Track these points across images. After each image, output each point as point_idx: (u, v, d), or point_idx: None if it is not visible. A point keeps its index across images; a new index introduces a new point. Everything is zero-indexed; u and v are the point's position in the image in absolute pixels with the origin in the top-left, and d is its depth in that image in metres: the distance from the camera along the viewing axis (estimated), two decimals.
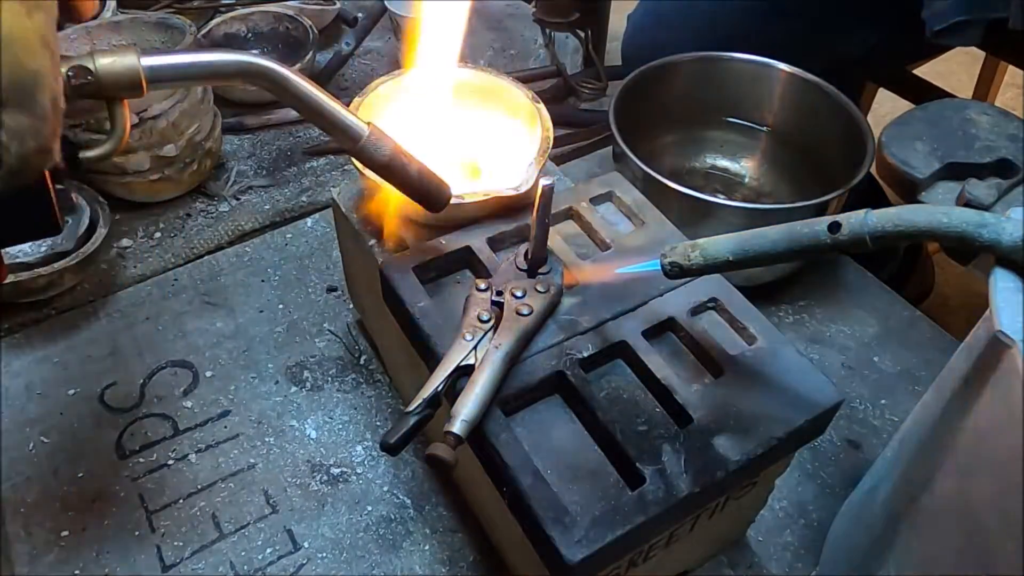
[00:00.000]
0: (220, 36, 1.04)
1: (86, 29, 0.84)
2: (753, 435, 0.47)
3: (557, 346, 0.50)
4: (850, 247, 0.40)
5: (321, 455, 0.68)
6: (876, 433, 0.70)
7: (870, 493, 0.54)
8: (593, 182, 0.62)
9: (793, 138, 0.86)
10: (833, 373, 0.74)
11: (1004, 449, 0.37)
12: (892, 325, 0.79)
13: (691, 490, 0.44)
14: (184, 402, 0.71)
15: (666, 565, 0.56)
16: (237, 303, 0.80)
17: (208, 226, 0.87)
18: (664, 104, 0.86)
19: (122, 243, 0.85)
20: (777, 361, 0.51)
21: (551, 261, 0.53)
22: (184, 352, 0.75)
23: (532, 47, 1.17)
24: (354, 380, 0.73)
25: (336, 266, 0.83)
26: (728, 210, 0.71)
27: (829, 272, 0.83)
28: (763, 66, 0.84)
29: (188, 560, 0.61)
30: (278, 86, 0.45)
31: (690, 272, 0.46)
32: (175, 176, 0.85)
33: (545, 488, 0.44)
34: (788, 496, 0.65)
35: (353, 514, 0.64)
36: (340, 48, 1.11)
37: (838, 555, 0.56)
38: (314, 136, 0.99)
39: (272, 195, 0.91)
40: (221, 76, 0.45)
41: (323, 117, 0.47)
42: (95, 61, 0.40)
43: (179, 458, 0.67)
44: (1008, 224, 0.37)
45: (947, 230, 0.37)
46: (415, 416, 0.45)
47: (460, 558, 0.62)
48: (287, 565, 0.61)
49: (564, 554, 0.42)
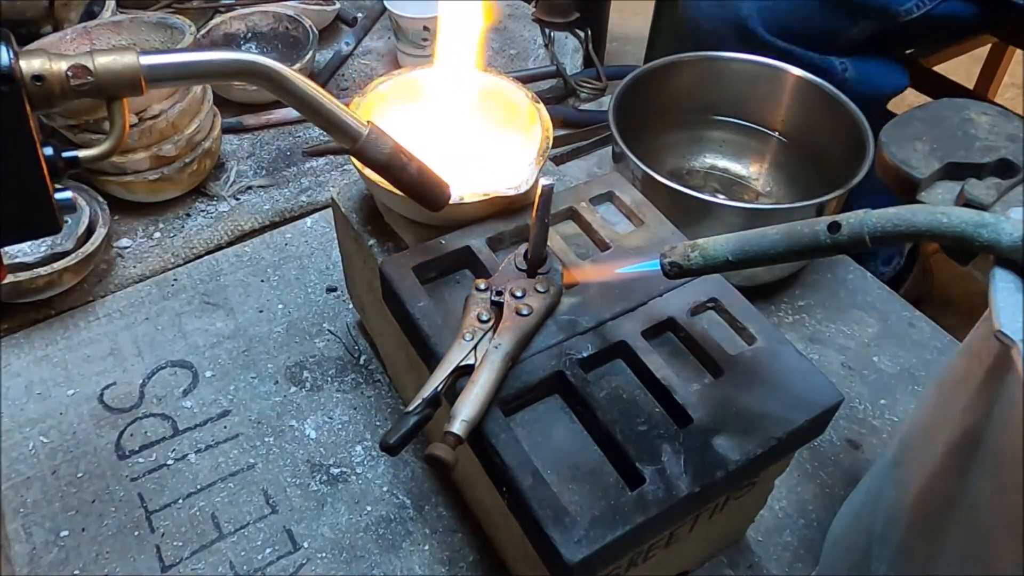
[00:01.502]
0: (220, 36, 1.04)
1: (85, 29, 0.84)
2: (753, 435, 0.47)
3: (557, 346, 0.50)
4: (850, 247, 0.40)
5: (321, 455, 0.68)
6: (876, 433, 0.70)
7: (870, 493, 0.54)
8: (593, 182, 0.62)
9: (793, 138, 0.86)
10: (832, 373, 0.74)
11: (1004, 448, 0.37)
12: (892, 325, 0.79)
13: (691, 490, 0.44)
14: (184, 402, 0.71)
15: (666, 565, 0.56)
16: (237, 303, 0.80)
17: (208, 226, 0.87)
18: (664, 104, 0.86)
19: (121, 243, 0.85)
20: (777, 361, 0.50)
21: (551, 261, 0.53)
22: (184, 352, 0.75)
23: (532, 47, 1.17)
24: (354, 380, 0.73)
25: (336, 266, 0.83)
26: (728, 210, 0.71)
27: (829, 272, 0.83)
28: (763, 66, 0.84)
29: (188, 560, 0.61)
30: (278, 85, 0.45)
31: (690, 272, 0.46)
32: (174, 176, 0.85)
33: (545, 488, 0.44)
34: (788, 496, 0.65)
35: (353, 514, 0.64)
36: (340, 48, 1.11)
37: (838, 555, 0.56)
38: (314, 136, 0.99)
39: (272, 195, 0.91)
40: (221, 75, 0.45)
41: (322, 116, 0.47)
42: (94, 60, 0.40)
43: (179, 458, 0.67)
44: (1007, 224, 0.37)
45: (946, 230, 0.37)
46: (415, 416, 0.45)
47: (460, 558, 0.62)
48: (287, 565, 0.61)
49: (564, 554, 0.42)
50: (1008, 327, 0.34)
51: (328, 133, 0.48)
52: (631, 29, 1.27)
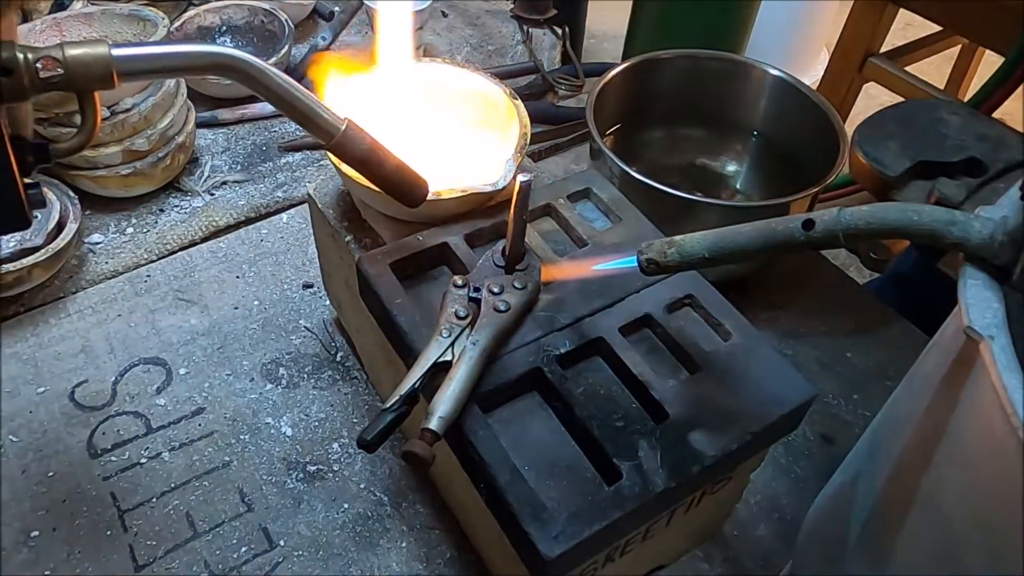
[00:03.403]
0: (194, 29, 1.03)
1: (56, 20, 0.82)
2: (728, 430, 0.47)
3: (535, 342, 0.50)
4: (824, 244, 0.40)
5: (297, 452, 0.67)
6: (848, 428, 0.71)
7: (842, 487, 0.54)
8: (571, 179, 0.63)
9: (770, 136, 0.86)
10: (807, 369, 0.75)
11: (972, 443, 0.38)
12: (865, 322, 0.80)
13: (667, 485, 0.44)
14: (157, 400, 0.70)
15: (643, 559, 0.57)
16: (211, 300, 0.79)
17: (181, 221, 0.86)
18: (641, 101, 0.86)
19: (93, 239, 0.84)
20: (752, 357, 0.51)
21: (529, 258, 0.53)
22: (157, 349, 0.74)
23: (510, 43, 1.17)
24: (330, 377, 0.73)
25: (312, 262, 0.82)
26: (704, 207, 0.72)
27: (804, 269, 0.84)
28: (741, 65, 0.84)
29: (162, 559, 0.60)
30: (253, 80, 0.44)
31: (667, 269, 0.46)
32: (147, 171, 0.84)
33: (522, 484, 0.44)
34: (762, 490, 0.66)
35: (330, 512, 0.64)
36: (316, 43, 1.10)
37: (811, 548, 0.57)
38: (290, 131, 0.98)
39: (247, 190, 0.90)
40: (195, 69, 0.45)
41: (299, 112, 0.46)
42: (64, 52, 0.39)
43: (152, 456, 0.66)
44: (977, 222, 0.37)
45: (918, 228, 0.38)
46: (392, 413, 0.45)
47: (437, 555, 0.62)
48: (262, 564, 0.60)
49: (541, 549, 0.42)
50: (977, 323, 0.35)
51: (304, 128, 0.48)
52: (609, 26, 1.27)
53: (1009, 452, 0.32)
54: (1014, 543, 0.34)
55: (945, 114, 0.56)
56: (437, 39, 1.18)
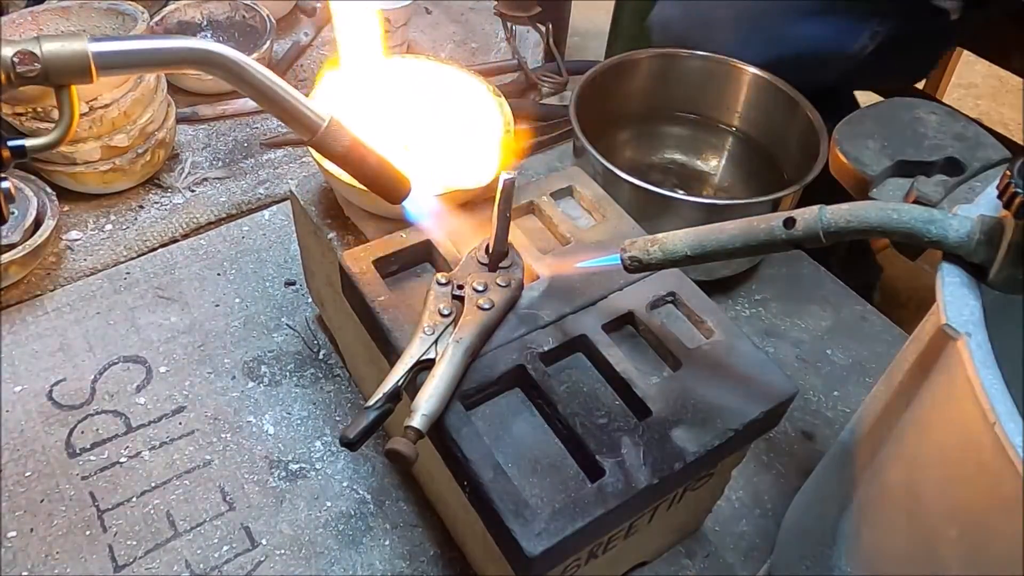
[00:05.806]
0: (174, 24, 1.02)
1: (32, 13, 0.81)
2: (710, 427, 0.47)
3: (518, 340, 0.50)
4: (805, 242, 0.41)
5: (279, 451, 0.67)
6: (829, 424, 0.72)
7: (823, 483, 0.55)
8: (554, 176, 0.63)
9: (751, 135, 0.87)
10: (788, 366, 0.76)
11: (948, 439, 0.38)
12: (845, 319, 0.81)
13: (650, 482, 0.45)
14: (137, 398, 0.70)
15: (625, 556, 0.57)
16: (192, 297, 0.78)
17: (162, 218, 0.85)
18: (625, 99, 0.87)
19: (71, 235, 0.83)
20: (734, 354, 0.51)
21: (512, 255, 0.53)
22: (137, 347, 0.73)
23: (493, 41, 1.17)
24: (313, 375, 0.73)
25: (294, 259, 0.82)
26: (686, 205, 0.72)
27: (785, 267, 0.85)
28: (722, 64, 0.85)
29: (142, 559, 0.60)
30: (234, 74, 0.44)
31: (649, 266, 0.46)
32: (127, 167, 0.83)
33: (505, 481, 0.44)
34: (744, 487, 0.67)
35: (312, 510, 0.63)
36: (298, 38, 1.10)
37: (792, 544, 0.57)
38: (272, 127, 0.98)
39: (228, 187, 0.90)
40: (175, 63, 0.44)
41: (280, 107, 0.46)
42: (41, 46, 0.39)
43: (132, 455, 0.66)
44: (955, 221, 0.38)
45: (897, 226, 0.39)
46: (375, 411, 0.45)
47: (420, 552, 0.61)
48: (244, 563, 0.60)
49: (524, 547, 0.42)
50: (954, 320, 0.36)
51: (286, 124, 0.47)
52: (592, 24, 1.27)
53: (984, 448, 0.33)
54: (988, 537, 0.35)
55: (923, 113, 0.56)
56: (421, 36, 1.17)
